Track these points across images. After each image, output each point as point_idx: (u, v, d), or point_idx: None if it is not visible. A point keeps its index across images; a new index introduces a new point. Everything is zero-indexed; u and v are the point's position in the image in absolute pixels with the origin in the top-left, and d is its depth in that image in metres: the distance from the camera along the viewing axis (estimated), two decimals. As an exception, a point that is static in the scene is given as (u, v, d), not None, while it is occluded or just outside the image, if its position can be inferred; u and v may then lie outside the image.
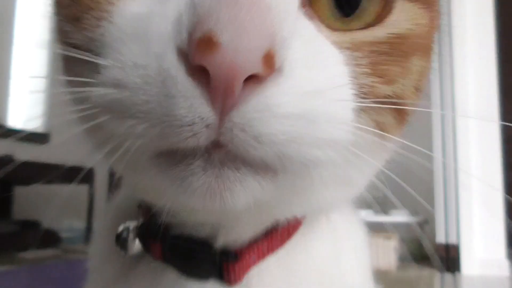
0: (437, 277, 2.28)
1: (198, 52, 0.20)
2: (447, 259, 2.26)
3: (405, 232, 2.41)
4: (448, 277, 2.29)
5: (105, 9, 0.26)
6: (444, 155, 1.77)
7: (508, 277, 2.20)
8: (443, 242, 2.23)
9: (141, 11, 0.24)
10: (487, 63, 1.83)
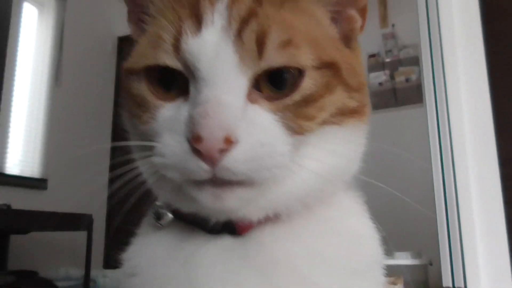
0: (444, 321, 2.21)
1: (194, 142, 0.40)
2: (454, 302, 2.20)
3: (410, 275, 2.36)
4: (456, 321, 2.22)
5: (152, 113, 0.46)
6: (445, 196, 1.76)
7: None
8: (450, 286, 2.18)
9: (170, 114, 0.44)
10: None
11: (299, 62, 0.43)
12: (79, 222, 3.19)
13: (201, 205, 0.44)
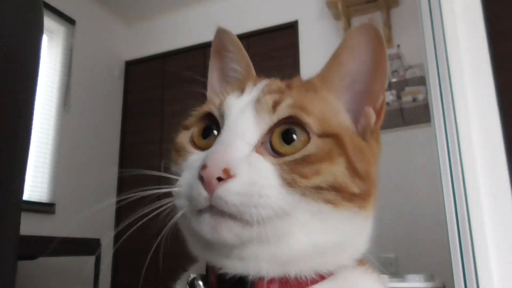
0: None
1: (201, 170, 0.46)
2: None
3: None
4: None
5: (184, 158, 0.55)
6: (456, 216, 1.73)
7: None
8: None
9: (194, 158, 0.52)
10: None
11: (305, 120, 0.50)
12: (87, 246, 3.18)
13: (201, 235, 0.49)
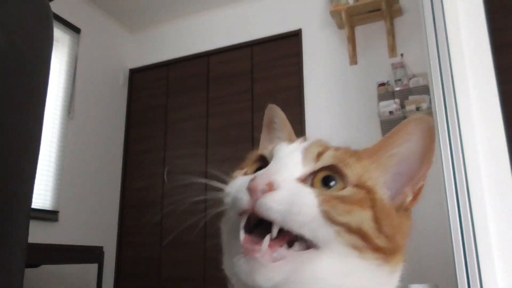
0: None
1: (249, 183, 0.51)
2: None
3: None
4: None
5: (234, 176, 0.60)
6: (461, 226, 1.72)
7: None
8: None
9: (246, 178, 0.55)
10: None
11: (344, 170, 0.55)
12: (90, 254, 3.17)
13: (238, 249, 0.52)
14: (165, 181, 4.30)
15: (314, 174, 0.56)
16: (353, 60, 3.74)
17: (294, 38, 4.06)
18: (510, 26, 1.89)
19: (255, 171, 0.60)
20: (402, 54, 3.54)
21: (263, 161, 0.62)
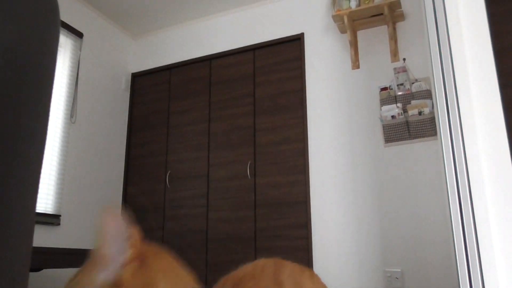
0: None
1: None
2: None
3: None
4: None
5: None
6: (464, 233, 1.71)
7: None
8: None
9: None
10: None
11: None
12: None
13: None
14: (167, 185, 4.30)
15: None
16: (355, 64, 3.74)
17: (296, 42, 4.07)
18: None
19: None
20: (404, 59, 3.54)
21: None
